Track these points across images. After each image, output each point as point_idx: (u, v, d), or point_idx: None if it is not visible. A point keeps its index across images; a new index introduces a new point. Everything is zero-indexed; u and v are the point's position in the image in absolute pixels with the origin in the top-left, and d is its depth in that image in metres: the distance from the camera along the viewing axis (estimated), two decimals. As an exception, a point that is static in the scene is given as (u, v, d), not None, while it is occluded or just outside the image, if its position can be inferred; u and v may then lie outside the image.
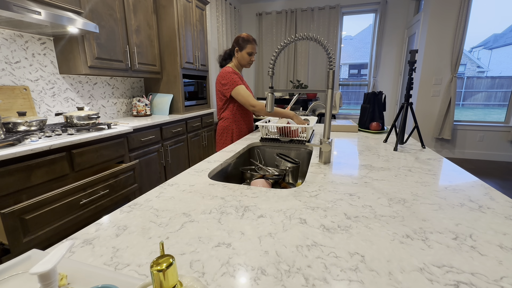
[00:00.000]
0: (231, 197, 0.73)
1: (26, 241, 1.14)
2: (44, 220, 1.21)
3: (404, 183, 0.82)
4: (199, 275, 0.43)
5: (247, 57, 1.68)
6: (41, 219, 1.20)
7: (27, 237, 1.15)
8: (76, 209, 1.36)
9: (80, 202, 1.37)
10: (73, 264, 0.41)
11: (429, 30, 3.62)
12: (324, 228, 0.56)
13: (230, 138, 1.74)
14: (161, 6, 2.62)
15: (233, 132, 1.74)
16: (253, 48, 1.66)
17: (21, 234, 1.12)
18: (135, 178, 1.80)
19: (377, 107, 1.71)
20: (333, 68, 0.95)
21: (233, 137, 1.74)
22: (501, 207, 0.65)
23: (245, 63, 1.70)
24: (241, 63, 1.71)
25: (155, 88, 2.91)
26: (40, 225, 1.20)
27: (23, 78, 1.78)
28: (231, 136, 1.74)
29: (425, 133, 4.02)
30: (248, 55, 1.68)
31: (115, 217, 0.62)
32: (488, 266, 0.44)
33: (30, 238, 1.16)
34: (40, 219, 1.19)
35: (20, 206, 1.11)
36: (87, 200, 1.41)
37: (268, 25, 4.84)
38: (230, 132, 1.74)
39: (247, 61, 1.69)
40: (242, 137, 1.74)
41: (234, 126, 1.73)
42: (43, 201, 1.20)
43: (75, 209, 1.36)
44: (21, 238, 1.12)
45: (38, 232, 1.19)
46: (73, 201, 1.34)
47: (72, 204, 1.33)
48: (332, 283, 0.41)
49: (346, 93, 7.68)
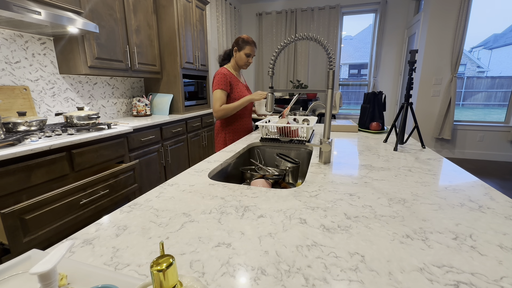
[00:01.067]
0: (231, 197, 0.73)
1: (26, 241, 1.14)
2: (44, 220, 1.21)
3: (404, 183, 0.82)
4: (199, 275, 0.43)
5: (245, 58, 1.69)
6: (41, 219, 1.20)
7: (27, 237, 1.15)
8: (76, 209, 1.36)
9: (80, 202, 1.37)
10: (73, 264, 0.41)
11: (429, 30, 3.62)
12: (324, 228, 0.56)
13: (223, 141, 1.75)
14: (161, 6, 2.62)
15: (226, 134, 1.75)
16: (251, 50, 1.67)
17: (21, 234, 1.12)
18: (135, 178, 1.80)
19: (377, 107, 1.71)
20: (333, 68, 0.95)
21: (226, 139, 1.75)
22: (501, 207, 0.65)
23: (242, 63, 1.71)
24: (238, 64, 1.72)
25: (155, 88, 2.91)
26: (40, 225, 1.19)
27: (23, 78, 1.78)
28: (224, 139, 1.75)
29: (425, 133, 4.02)
30: (246, 56, 1.68)
31: (115, 217, 0.62)
32: (488, 266, 0.44)
33: (30, 238, 1.16)
34: (40, 219, 1.19)
35: (20, 206, 1.11)
36: (87, 200, 1.40)
37: (268, 25, 4.84)
38: (223, 134, 1.75)
39: (244, 61, 1.70)
40: (237, 139, 1.74)
41: (226, 128, 1.74)
42: (43, 201, 1.19)
43: (75, 209, 1.36)
44: (21, 238, 1.12)
45: (38, 232, 1.19)
46: (73, 201, 1.34)
47: (72, 204, 1.33)
48: (332, 283, 0.41)
49: (346, 93, 7.68)
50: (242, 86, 1.76)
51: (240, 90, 1.72)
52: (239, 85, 1.73)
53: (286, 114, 1.62)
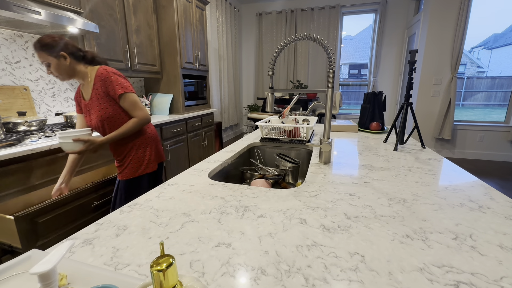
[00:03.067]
0: (231, 197, 0.73)
1: (39, 245, 1.11)
2: (57, 223, 1.18)
3: (404, 183, 0.82)
4: (199, 275, 0.43)
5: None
6: (54, 222, 1.17)
7: (41, 240, 1.12)
8: (89, 212, 1.33)
9: (92, 204, 1.35)
10: (73, 264, 0.41)
11: (429, 30, 3.62)
12: (324, 228, 0.56)
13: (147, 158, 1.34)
14: (161, 6, 2.62)
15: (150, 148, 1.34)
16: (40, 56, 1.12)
17: (34, 237, 1.09)
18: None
19: (377, 107, 1.71)
20: (333, 68, 0.95)
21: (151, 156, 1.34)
22: (501, 207, 0.65)
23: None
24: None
25: (155, 88, 2.91)
26: (52, 228, 1.16)
27: (23, 78, 1.78)
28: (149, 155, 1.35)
29: (425, 133, 4.02)
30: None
31: (115, 217, 0.62)
32: (488, 266, 0.44)
33: (43, 242, 1.13)
34: (53, 222, 1.16)
35: (33, 209, 1.07)
36: (99, 202, 1.38)
37: (268, 25, 4.84)
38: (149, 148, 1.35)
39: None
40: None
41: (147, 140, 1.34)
42: (55, 204, 1.16)
43: (88, 211, 1.32)
44: (34, 242, 1.09)
45: (50, 235, 1.16)
46: (85, 203, 1.31)
47: (84, 205, 1.30)
48: (332, 283, 0.41)
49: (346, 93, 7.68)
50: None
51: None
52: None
53: (286, 114, 1.62)
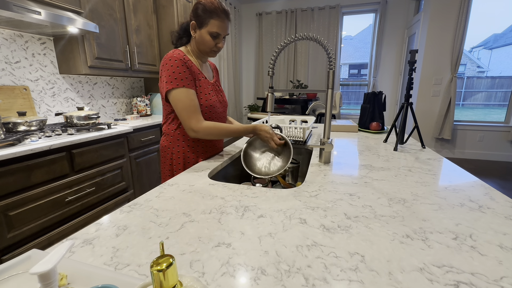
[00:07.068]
0: (231, 197, 0.73)
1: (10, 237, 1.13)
2: (29, 217, 1.20)
3: (404, 183, 0.82)
4: (199, 275, 0.43)
5: (210, 40, 0.99)
6: (25, 215, 1.19)
7: (12, 232, 1.14)
8: (62, 206, 1.34)
9: (66, 199, 1.35)
10: (73, 264, 0.41)
11: (429, 30, 3.62)
12: (324, 228, 0.56)
13: (169, 166, 1.10)
14: (161, 6, 2.62)
15: (173, 157, 1.09)
16: (221, 27, 0.97)
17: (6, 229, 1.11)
18: (136, 178, 1.80)
19: (377, 107, 1.71)
20: (333, 68, 0.95)
21: (173, 166, 1.09)
22: (501, 207, 0.65)
23: (205, 48, 1.02)
24: (200, 48, 1.03)
25: (155, 88, 2.91)
26: (24, 221, 1.18)
27: (23, 78, 1.78)
28: (170, 163, 1.10)
29: (425, 133, 4.02)
30: (212, 38, 0.99)
31: (115, 217, 0.62)
32: (488, 266, 0.44)
33: (14, 233, 1.15)
34: (24, 215, 1.18)
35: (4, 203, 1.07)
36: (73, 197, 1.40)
37: (268, 25, 4.84)
38: (169, 156, 1.10)
39: (208, 45, 1.01)
40: (193, 164, 1.09)
41: (183, 146, 1.08)
42: (28, 197, 1.18)
43: (61, 206, 1.33)
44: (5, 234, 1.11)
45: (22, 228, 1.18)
46: (58, 199, 1.31)
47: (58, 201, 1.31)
48: (332, 283, 0.41)
49: (346, 93, 7.68)
50: (207, 84, 1.07)
51: (203, 91, 1.05)
52: (201, 83, 1.05)
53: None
